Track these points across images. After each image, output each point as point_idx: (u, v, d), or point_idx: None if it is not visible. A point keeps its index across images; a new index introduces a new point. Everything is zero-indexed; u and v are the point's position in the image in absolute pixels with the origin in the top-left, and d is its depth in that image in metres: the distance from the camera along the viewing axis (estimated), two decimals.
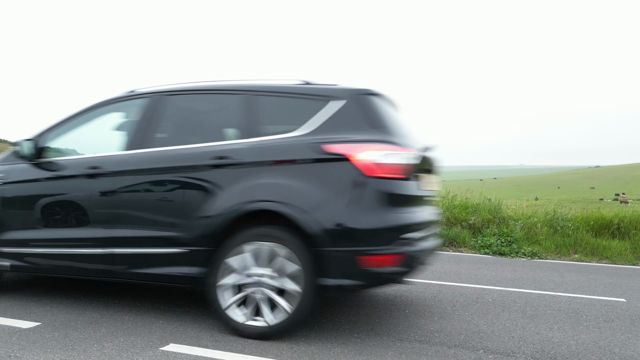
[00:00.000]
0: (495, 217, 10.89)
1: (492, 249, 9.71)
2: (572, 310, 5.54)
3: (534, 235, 10.19)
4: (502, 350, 4.17)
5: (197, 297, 5.66)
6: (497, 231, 10.30)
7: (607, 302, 5.94)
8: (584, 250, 9.61)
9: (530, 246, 9.79)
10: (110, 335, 4.13)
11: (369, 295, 5.97)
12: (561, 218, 10.51)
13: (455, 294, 6.20)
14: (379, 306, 5.51)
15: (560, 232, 10.18)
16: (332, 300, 5.69)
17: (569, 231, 10.12)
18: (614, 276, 7.69)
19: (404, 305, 5.57)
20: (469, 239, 10.40)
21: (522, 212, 11.15)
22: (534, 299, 6.03)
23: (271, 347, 3.99)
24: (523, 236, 10.12)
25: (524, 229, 10.34)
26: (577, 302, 5.89)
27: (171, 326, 4.48)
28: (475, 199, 11.97)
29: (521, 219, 10.70)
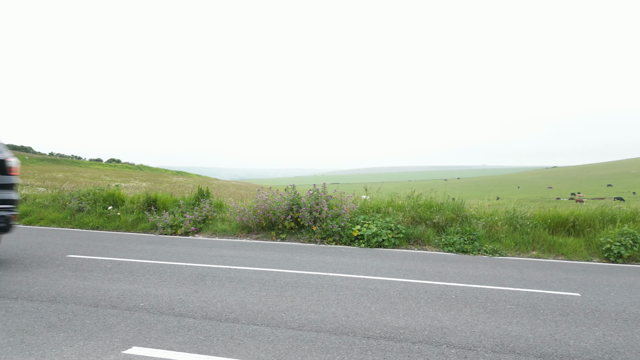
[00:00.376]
0: (459, 216, 11.18)
1: (456, 247, 9.97)
2: (530, 305, 5.77)
3: (495, 233, 10.53)
4: (464, 344, 4.30)
5: (161, 299, 5.56)
6: (460, 229, 10.57)
7: (563, 297, 6.22)
8: (541, 247, 10.00)
9: (492, 244, 10.11)
10: (69, 339, 3.98)
11: (336, 294, 6.03)
12: (520, 216, 10.89)
13: (420, 290, 6.33)
14: (345, 304, 5.57)
15: (520, 230, 10.55)
16: (295, 300, 5.70)
17: (527, 229, 10.50)
18: (569, 272, 8.05)
19: (369, 303, 5.65)
20: (433, 237, 10.63)
21: (484, 210, 11.50)
22: (494, 294, 6.24)
23: (238, 348, 3.95)
24: (485, 234, 10.44)
25: (486, 227, 10.66)
26: (535, 297, 6.14)
27: (134, 329, 4.37)
28: (440, 199, 12.24)
29: (483, 218, 11.02)
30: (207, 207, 12.85)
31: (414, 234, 10.73)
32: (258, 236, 11.66)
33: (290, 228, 11.69)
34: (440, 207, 11.54)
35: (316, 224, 11.19)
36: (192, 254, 8.91)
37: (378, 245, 10.38)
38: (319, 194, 11.71)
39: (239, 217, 11.92)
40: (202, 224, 12.60)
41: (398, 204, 12.09)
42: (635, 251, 9.19)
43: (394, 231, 10.63)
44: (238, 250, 9.64)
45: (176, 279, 6.64)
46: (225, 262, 8.19)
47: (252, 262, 8.25)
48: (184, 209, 13.10)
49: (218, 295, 5.78)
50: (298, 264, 8.11)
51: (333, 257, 9.00)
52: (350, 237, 10.73)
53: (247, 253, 9.25)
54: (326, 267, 7.94)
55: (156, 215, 12.66)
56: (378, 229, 10.63)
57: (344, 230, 10.92)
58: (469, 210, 11.53)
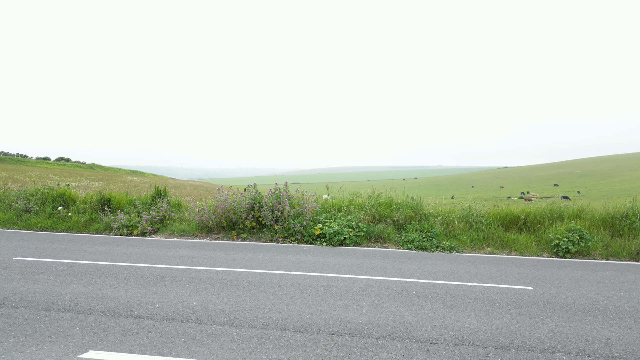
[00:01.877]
0: (417, 214, 11.46)
1: (415, 244, 10.21)
2: (486, 298, 6.00)
3: (452, 230, 10.86)
4: (425, 338, 4.41)
5: (118, 301, 5.36)
6: (419, 227, 10.84)
7: (517, 291, 6.51)
8: (495, 244, 10.41)
9: (449, 241, 10.43)
10: (20, 345, 3.77)
11: (299, 292, 6.03)
12: (476, 214, 11.30)
13: (382, 287, 6.44)
14: (309, 302, 5.58)
15: (475, 227, 10.95)
16: (259, 299, 5.66)
17: (482, 226, 10.91)
18: (521, 267, 8.43)
19: (333, 300, 5.68)
20: (393, 235, 10.83)
21: (441, 209, 11.84)
22: (453, 289, 6.44)
23: (201, 348, 3.87)
24: (442, 231, 10.75)
25: (443, 225, 10.98)
26: (491, 292, 6.39)
27: (90, 332, 4.19)
28: (399, 197, 12.49)
29: (440, 216, 11.35)
30: (165, 206, 12.50)
31: (375, 232, 10.89)
32: (218, 236, 11.46)
33: (251, 228, 11.57)
34: (400, 205, 11.78)
35: (278, 223, 11.14)
36: (150, 255, 8.65)
37: (340, 244, 10.46)
38: (281, 193, 11.66)
39: (199, 216, 11.68)
40: (160, 224, 12.25)
41: (359, 202, 12.24)
42: (582, 246, 9.73)
43: (355, 229, 10.75)
44: (198, 250, 9.44)
45: (134, 281, 6.42)
46: (185, 262, 8.00)
47: (213, 262, 8.11)
48: (140, 208, 12.68)
49: (179, 296, 5.64)
50: (260, 263, 8.05)
51: (295, 255, 8.99)
52: (313, 236, 10.75)
53: (207, 253, 9.08)
54: (289, 265, 7.92)
55: (110, 216, 12.19)
56: (340, 227, 10.71)
57: (306, 229, 10.94)
58: (427, 209, 11.84)
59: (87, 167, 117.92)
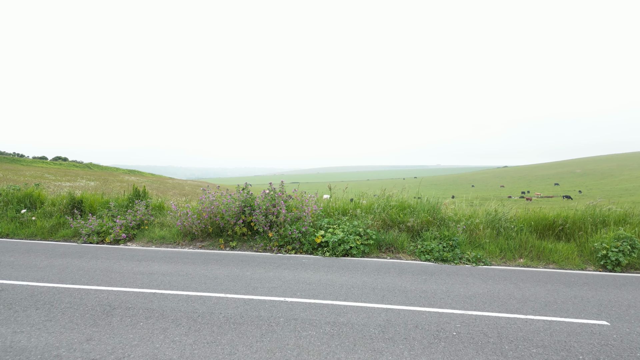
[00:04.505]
0: (435, 219, 9.81)
1: (434, 255, 8.57)
2: (560, 345, 4.29)
3: (476, 238, 9.22)
4: None
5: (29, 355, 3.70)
6: (438, 234, 9.20)
7: (592, 329, 4.82)
8: (529, 254, 8.78)
9: (474, 250, 8.80)
10: None
11: (295, 336, 4.36)
12: (503, 219, 9.65)
13: (409, 324, 4.77)
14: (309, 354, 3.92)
15: (504, 235, 9.30)
16: (237, 350, 3.99)
17: (512, 233, 9.27)
18: (572, 286, 6.80)
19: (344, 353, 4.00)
20: (407, 244, 9.19)
21: (462, 212, 10.19)
22: (507, 328, 4.77)
23: None
24: (466, 239, 9.10)
25: (466, 232, 9.34)
26: (560, 332, 4.69)
27: None
28: (412, 198, 10.84)
29: (462, 220, 9.70)
30: (143, 209, 10.84)
31: (386, 240, 9.25)
32: (203, 244, 9.81)
33: (242, 234, 9.92)
34: (414, 208, 10.13)
35: (273, 230, 9.50)
36: (112, 272, 7.00)
37: (345, 254, 8.83)
38: (276, 194, 10.02)
39: (180, 221, 10.04)
40: (137, 229, 10.60)
41: (367, 205, 10.59)
42: (634, 258, 8.11)
43: (363, 237, 9.11)
44: (174, 264, 7.79)
45: (70, 316, 4.75)
46: (152, 283, 6.35)
47: (188, 282, 6.46)
48: (114, 212, 11.03)
49: (120, 346, 3.98)
50: (247, 284, 6.40)
51: (292, 271, 7.35)
52: (313, 245, 9.11)
53: (185, 268, 7.43)
54: (283, 287, 6.28)
55: (81, 220, 10.53)
56: (345, 234, 9.08)
57: (306, 236, 9.29)
58: (445, 212, 10.19)
59: (84, 166, 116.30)
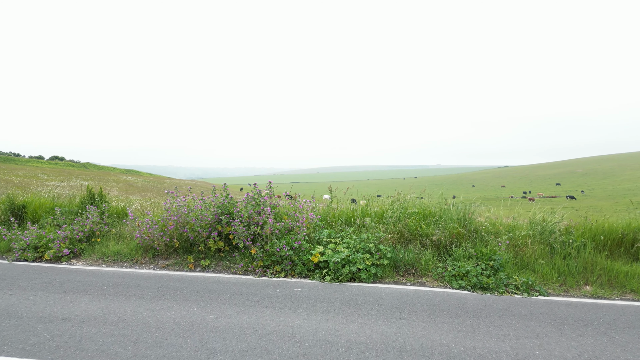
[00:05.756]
0: (467, 230, 7.56)
1: (471, 281, 6.35)
2: None
3: (524, 257, 6.98)
4: None
5: None
6: (474, 252, 6.96)
7: None
8: (597, 280, 6.56)
9: (523, 274, 6.57)
10: None
11: None
12: (558, 230, 7.39)
13: None
14: None
15: (561, 252, 7.06)
16: None
17: (571, 250, 7.02)
18: None
19: None
20: (433, 264, 6.96)
21: (500, 221, 7.92)
22: None
23: None
24: (510, 259, 6.86)
25: (510, 248, 7.10)
26: None
27: None
28: (434, 202, 8.59)
29: (503, 233, 7.46)
30: (95, 217, 8.59)
31: (405, 260, 7.02)
32: (168, 263, 7.58)
33: (217, 250, 7.70)
34: (440, 217, 7.88)
35: (257, 244, 7.27)
36: (9, 316, 4.76)
37: (351, 278, 6.62)
38: (262, 198, 7.78)
39: (139, 232, 7.80)
40: (86, 243, 8.35)
41: (378, 212, 8.33)
42: None
43: (375, 255, 6.88)
44: (111, 299, 5.55)
45: None
46: (47, 345, 4.10)
47: (107, 341, 4.21)
48: (60, 220, 8.78)
49: None
50: (200, 346, 4.16)
51: (277, 313, 5.11)
52: (309, 265, 6.90)
53: (121, 308, 5.19)
54: (257, 352, 4.03)
55: (17, 231, 8.28)
56: (351, 251, 6.86)
57: (299, 253, 7.07)
58: (480, 222, 7.93)
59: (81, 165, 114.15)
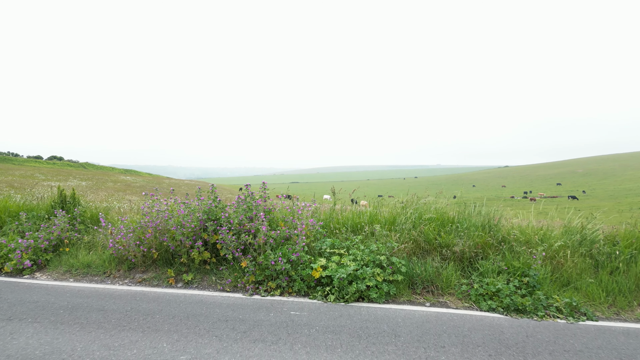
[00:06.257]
0: (494, 239, 6.46)
1: (503, 301, 5.27)
2: None
3: (563, 271, 5.89)
4: None
5: None
6: (505, 266, 5.87)
7: None
8: None
9: (565, 293, 5.49)
10: None
11: None
12: (601, 239, 6.29)
13: None
14: None
15: (607, 266, 5.96)
16: None
17: (619, 263, 5.93)
18: None
19: None
20: (456, 280, 5.87)
21: (531, 228, 6.80)
22: None
23: None
24: (548, 275, 5.77)
25: (546, 261, 6.00)
26: None
27: None
28: (452, 206, 7.49)
29: (535, 242, 6.35)
30: (63, 223, 7.50)
31: (423, 275, 5.93)
32: (145, 277, 6.51)
33: (203, 262, 6.62)
34: (462, 224, 6.77)
35: (248, 256, 6.18)
36: None
37: (359, 297, 5.55)
38: (255, 202, 6.70)
39: (113, 241, 6.72)
40: (53, 253, 7.27)
41: (388, 217, 7.23)
42: None
43: (387, 269, 5.80)
44: (62, 331, 4.46)
45: None
46: None
47: None
48: (25, 226, 7.69)
49: None
50: None
51: (268, 354, 4.03)
52: (308, 281, 5.82)
53: (69, 343, 4.11)
54: None
55: None
56: (358, 265, 5.78)
57: (297, 267, 5.99)
58: (507, 228, 6.83)
59: (79, 165, 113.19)
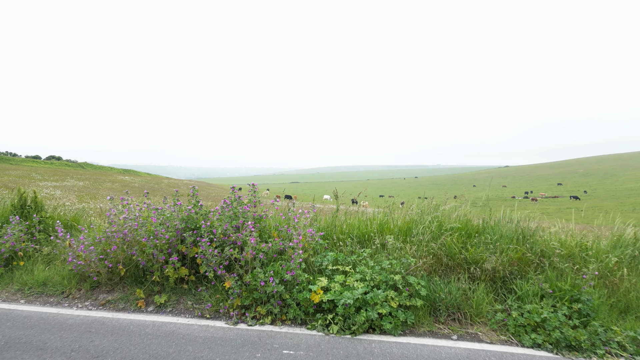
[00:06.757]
0: (532, 253, 5.32)
1: (551, 335, 4.15)
2: None
3: (619, 293, 4.76)
4: None
5: None
6: (549, 288, 4.73)
7: None
8: None
9: (625, 323, 4.36)
10: None
11: None
12: None
13: None
14: None
15: None
16: None
17: None
18: None
19: None
20: (488, 306, 4.74)
21: (575, 240, 5.63)
22: None
23: None
24: (604, 298, 4.64)
25: (599, 280, 4.87)
26: None
27: None
28: (475, 211, 6.35)
29: (579, 256, 5.21)
30: (18, 232, 6.35)
31: (447, 299, 4.79)
32: (110, 298, 5.38)
33: (179, 280, 5.48)
34: (493, 232, 5.63)
35: (233, 273, 5.04)
36: None
37: (370, 328, 4.42)
38: (243, 208, 5.57)
39: (73, 255, 5.58)
40: (4, 267, 6.14)
41: (402, 225, 6.08)
42: None
43: (402, 291, 4.67)
44: None
45: None
46: None
47: None
48: None
49: None
50: None
51: None
52: (306, 307, 4.68)
53: None
54: None
55: None
56: (367, 286, 4.65)
57: (292, 288, 4.85)
58: (544, 239, 5.67)
59: (77, 165, 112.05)
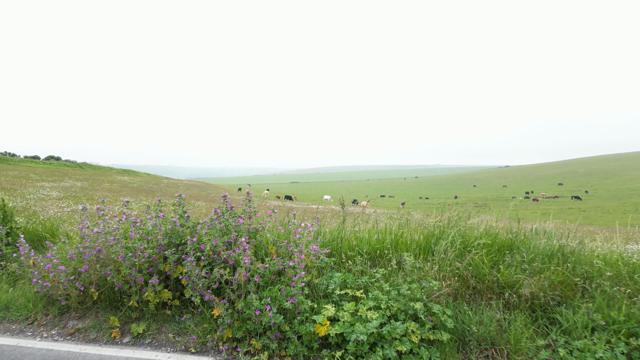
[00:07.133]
0: (578, 276, 4.51)
1: None
2: None
3: None
4: None
5: None
6: (602, 319, 3.93)
7: None
8: None
9: None
10: None
11: None
12: None
13: None
14: None
15: None
16: None
17: None
18: None
19: None
20: (527, 341, 3.92)
21: (614, 254, 4.83)
22: None
23: None
24: None
25: None
26: None
27: None
28: (505, 223, 5.54)
29: (628, 278, 4.41)
30: None
31: (478, 332, 3.98)
32: (81, 326, 4.59)
33: (160, 305, 4.68)
34: (527, 249, 4.81)
35: (222, 299, 4.24)
36: None
37: None
38: (236, 221, 4.77)
39: (38, 277, 4.78)
40: None
41: (419, 241, 5.26)
42: None
43: (426, 323, 3.87)
44: None
45: None
46: None
47: None
48: None
49: None
50: None
51: None
52: (309, 340, 3.88)
53: None
54: None
55: None
56: (383, 316, 3.85)
57: (293, 318, 4.05)
58: (588, 257, 4.85)
59: (76, 165, 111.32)
